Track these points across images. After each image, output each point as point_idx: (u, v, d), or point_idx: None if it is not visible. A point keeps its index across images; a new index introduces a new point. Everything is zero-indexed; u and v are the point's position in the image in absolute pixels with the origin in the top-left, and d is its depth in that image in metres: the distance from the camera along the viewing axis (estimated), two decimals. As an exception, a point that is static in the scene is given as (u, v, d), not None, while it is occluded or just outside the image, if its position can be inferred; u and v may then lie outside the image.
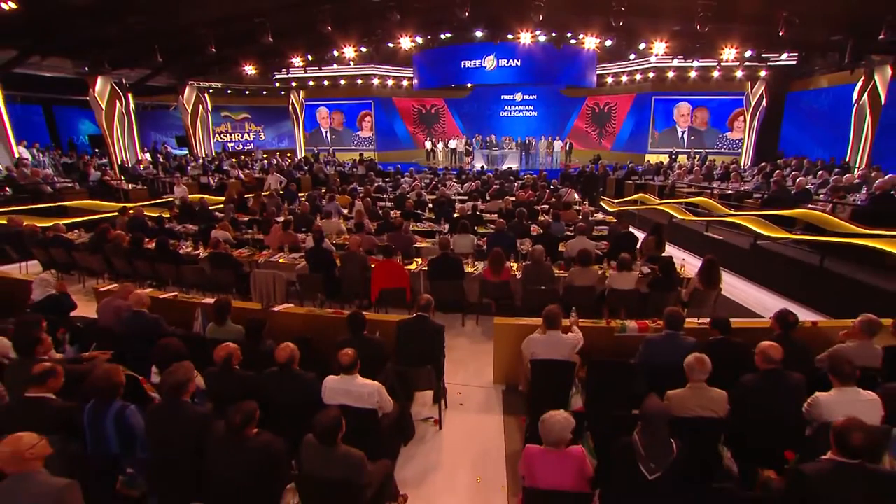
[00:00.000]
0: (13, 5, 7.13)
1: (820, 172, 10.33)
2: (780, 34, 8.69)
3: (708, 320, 3.92)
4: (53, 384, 2.92)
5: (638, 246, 6.69)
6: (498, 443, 3.80)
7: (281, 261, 6.47)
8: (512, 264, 5.86)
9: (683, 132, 19.96)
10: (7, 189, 9.93)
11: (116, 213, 8.40)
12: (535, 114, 23.19)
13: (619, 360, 3.76)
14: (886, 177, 8.10)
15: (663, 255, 6.25)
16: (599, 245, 6.72)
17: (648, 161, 17.64)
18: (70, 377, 3.09)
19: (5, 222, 7.19)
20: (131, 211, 8.37)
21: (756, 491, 2.73)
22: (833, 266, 6.02)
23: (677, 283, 5.37)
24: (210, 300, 4.76)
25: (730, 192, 10.01)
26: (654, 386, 3.18)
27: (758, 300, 6.60)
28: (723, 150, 18.87)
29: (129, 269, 6.53)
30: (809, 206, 7.32)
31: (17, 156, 12.17)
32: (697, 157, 17.68)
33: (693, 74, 17.93)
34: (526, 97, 23.13)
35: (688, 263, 6.03)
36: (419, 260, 6.32)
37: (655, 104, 19.82)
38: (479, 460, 3.60)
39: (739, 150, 18.60)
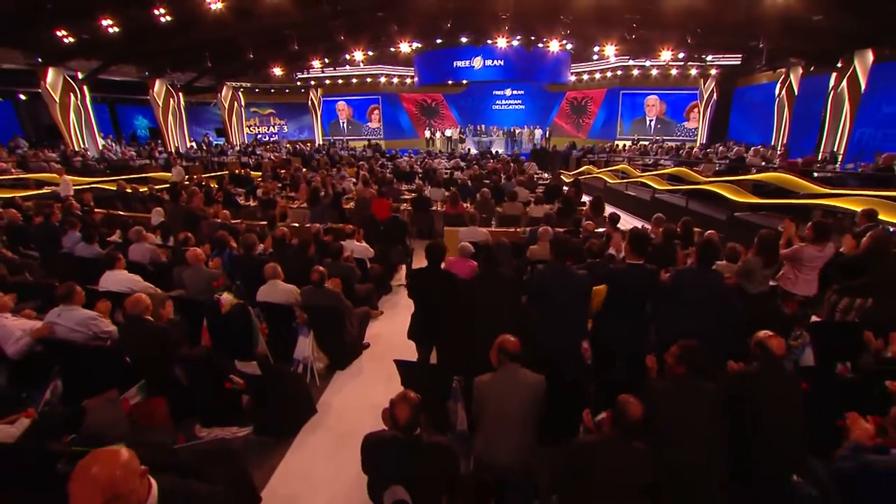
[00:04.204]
0: (117, 29, 9.35)
1: (719, 147, 12.34)
2: (689, 41, 10.64)
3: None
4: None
5: (564, 193, 8.81)
6: (441, 293, 5.99)
7: (306, 206, 8.71)
8: (467, 205, 8.04)
9: (651, 121, 21.72)
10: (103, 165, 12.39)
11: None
12: (522, 107, 24.88)
13: (514, 242, 5.95)
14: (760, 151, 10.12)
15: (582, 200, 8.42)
16: (535, 193, 8.86)
17: (608, 145, 19.56)
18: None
19: (115, 187, 9.52)
20: (195, 177, 10.73)
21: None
22: (693, 206, 8.12)
23: (574, 212, 7.50)
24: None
25: (649, 162, 12.12)
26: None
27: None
28: (681, 138, 20.63)
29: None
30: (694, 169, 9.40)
31: (100, 146, 14.68)
32: (656, 144, 19.49)
33: (654, 72, 19.74)
34: (515, 92, 24.75)
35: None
36: (404, 203, 8.55)
37: (623, 98, 21.64)
38: (428, 299, 5.80)
39: (695, 137, 20.37)
